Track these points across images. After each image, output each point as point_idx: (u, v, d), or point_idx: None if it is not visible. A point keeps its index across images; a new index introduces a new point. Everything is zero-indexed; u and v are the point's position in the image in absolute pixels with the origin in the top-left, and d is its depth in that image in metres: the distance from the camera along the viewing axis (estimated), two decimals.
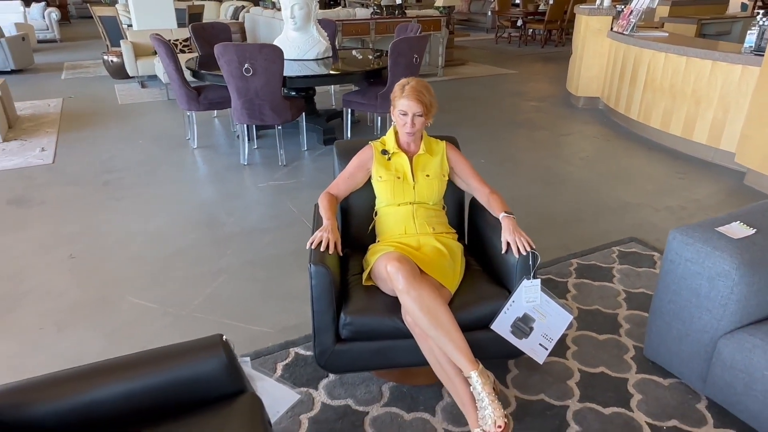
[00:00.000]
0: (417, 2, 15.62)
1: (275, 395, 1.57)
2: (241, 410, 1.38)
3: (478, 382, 1.62)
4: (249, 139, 4.74)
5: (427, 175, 2.04)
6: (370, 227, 2.14)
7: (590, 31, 5.96)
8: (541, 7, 11.73)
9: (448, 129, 5.30)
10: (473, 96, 6.86)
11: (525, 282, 1.80)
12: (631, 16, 5.37)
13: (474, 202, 2.17)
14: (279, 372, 2.06)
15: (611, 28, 5.78)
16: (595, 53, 5.99)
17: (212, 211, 3.57)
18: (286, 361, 2.14)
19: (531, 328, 1.81)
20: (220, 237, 3.22)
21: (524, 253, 1.80)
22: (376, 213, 2.11)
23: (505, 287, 1.90)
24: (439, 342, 1.67)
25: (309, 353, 2.18)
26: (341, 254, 1.92)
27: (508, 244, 1.84)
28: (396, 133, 2.10)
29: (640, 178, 4.13)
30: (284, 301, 2.57)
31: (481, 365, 1.66)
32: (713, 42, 5.11)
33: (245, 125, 4.41)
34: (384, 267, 1.75)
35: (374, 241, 2.08)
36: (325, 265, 1.74)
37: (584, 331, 2.33)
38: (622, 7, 5.73)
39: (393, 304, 1.79)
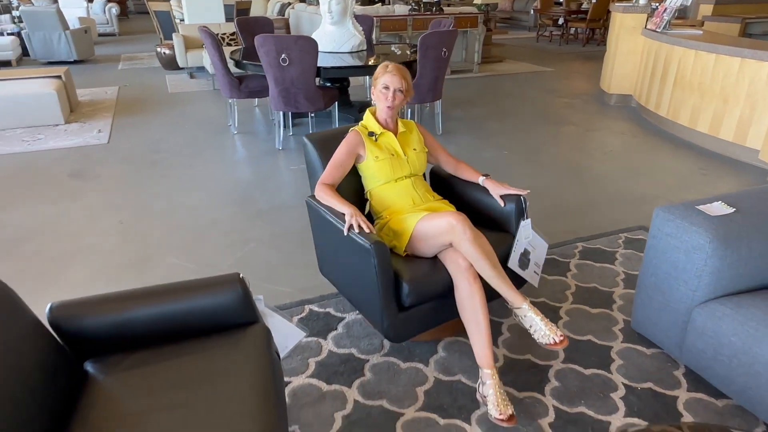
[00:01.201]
0: (461, 0, 15.71)
1: (284, 332, 1.81)
2: (253, 337, 1.63)
3: (531, 309, 1.88)
4: (285, 126, 5.05)
5: (414, 149, 2.24)
6: (366, 209, 2.28)
7: (624, 29, 5.98)
8: (584, 6, 11.63)
9: (476, 122, 5.52)
10: (506, 92, 6.97)
11: (522, 222, 2.12)
12: (665, 14, 5.38)
13: (437, 173, 2.47)
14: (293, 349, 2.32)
15: (645, 26, 5.79)
16: (629, 51, 6.01)
17: (246, 190, 3.87)
18: (301, 315, 2.39)
19: (528, 260, 2.15)
20: (251, 212, 3.51)
21: (523, 193, 2.14)
22: (368, 194, 2.24)
23: (504, 231, 2.19)
24: (494, 281, 1.90)
25: (321, 309, 2.43)
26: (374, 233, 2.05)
27: (504, 197, 2.16)
28: (374, 116, 2.24)
29: (662, 172, 4.19)
30: (304, 268, 2.82)
31: (528, 299, 1.93)
32: (743, 39, 5.07)
33: (281, 112, 4.70)
34: (446, 222, 1.90)
35: (371, 221, 2.18)
36: (382, 241, 1.87)
37: (578, 305, 2.48)
38: (657, 4, 5.73)
39: (434, 266, 1.97)
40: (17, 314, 1.40)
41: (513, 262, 2.11)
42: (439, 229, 1.94)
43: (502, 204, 2.17)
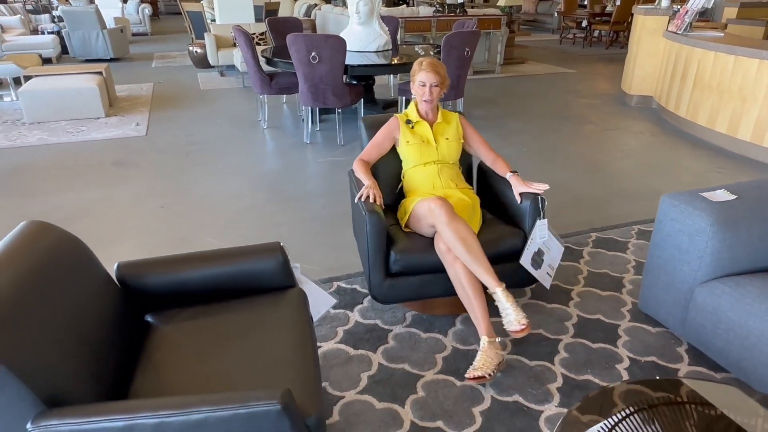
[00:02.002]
0: (484, 1, 15.83)
1: (317, 297, 2.01)
2: (290, 298, 1.83)
3: (503, 295, 2.01)
4: (312, 122, 5.27)
5: (447, 138, 2.42)
6: (398, 188, 2.53)
7: (646, 31, 6.08)
8: (608, 9, 11.66)
9: (497, 120, 5.67)
10: (527, 92, 7.10)
11: (538, 222, 2.21)
12: (686, 16, 5.46)
13: (481, 165, 2.58)
14: (324, 314, 2.52)
15: (666, 28, 5.88)
16: (650, 52, 6.10)
17: (276, 179, 4.10)
18: (329, 291, 2.59)
19: (542, 260, 2.24)
20: (282, 198, 3.74)
21: (541, 192, 2.22)
22: (403, 175, 2.49)
23: (517, 227, 2.31)
24: (470, 265, 2.04)
25: (348, 286, 2.63)
26: (383, 207, 2.30)
27: (522, 194, 2.25)
28: (416, 107, 2.47)
29: (678, 170, 4.29)
30: (331, 250, 3.02)
31: (504, 285, 2.04)
32: (762, 41, 5.13)
33: (310, 108, 4.93)
34: (427, 205, 2.12)
35: (404, 199, 2.45)
36: (378, 212, 2.14)
37: (590, 288, 2.64)
38: (679, 7, 5.81)
39: (429, 244, 2.17)
40: (93, 269, 1.62)
41: (525, 260, 2.20)
42: (422, 212, 2.16)
43: (519, 200, 2.27)
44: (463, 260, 2.05)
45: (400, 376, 2.05)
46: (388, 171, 2.54)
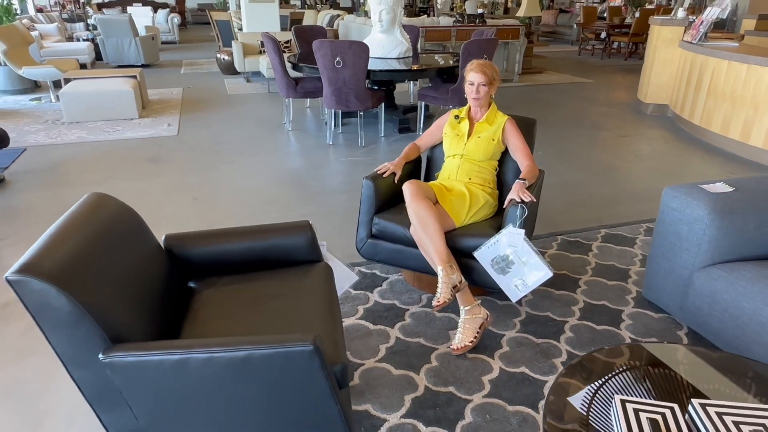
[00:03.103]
0: (504, 13, 16.04)
1: (340, 273, 2.19)
2: (318, 271, 2.02)
3: (442, 273, 2.17)
4: (335, 125, 5.50)
5: (479, 137, 2.59)
6: (438, 173, 2.76)
7: (662, 41, 6.20)
8: (627, 20, 11.77)
9: None
10: (544, 100, 7.25)
11: (510, 227, 2.21)
12: (701, 26, 5.58)
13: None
14: (347, 290, 2.71)
15: (682, 38, 6.00)
16: (665, 62, 6.22)
17: (300, 176, 4.32)
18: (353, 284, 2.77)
19: (509, 270, 2.23)
20: (305, 193, 3.95)
21: (517, 200, 2.25)
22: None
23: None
24: (422, 241, 2.28)
25: (368, 271, 2.81)
26: (396, 182, 2.59)
27: (511, 201, 2.30)
28: (469, 107, 2.68)
29: (689, 174, 4.41)
30: (352, 239, 3.20)
31: (449, 265, 2.18)
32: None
33: (333, 111, 5.15)
34: (404, 186, 2.38)
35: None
36: (374, 180, 2.48)
37: (596, 277, 2.78)
38: (694, 17, 5.94)
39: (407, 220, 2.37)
40: (146, 236, 1.83)
41: (481, 256, 2.24)
42: (404, 192, 2.40)
43: (506, 204, 2.31)
44: (418, 235, 2.30)
45: (416, 348, 2.22)
46: (441, 157, 2.80)
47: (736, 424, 1.24)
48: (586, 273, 2.82)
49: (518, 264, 2.21)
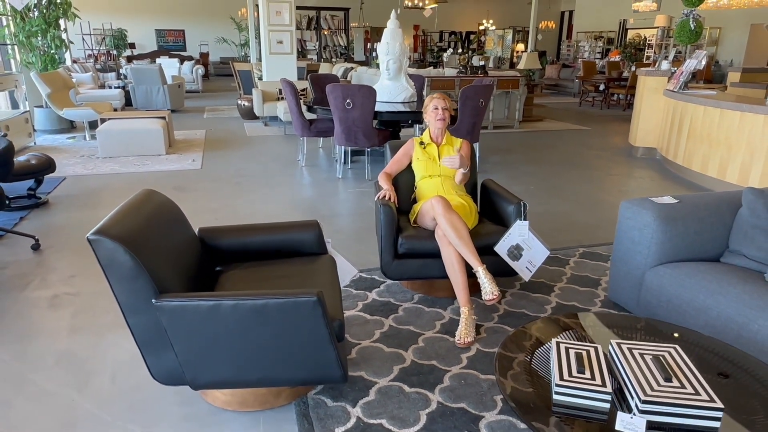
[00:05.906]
0: (510, 67, 16.88)
1: (343, 268, 2.59)
2: (324, 259, 2.42)
3: (483, 273, 2.54)
4: (345, 161, 6.00)
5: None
6: (412, 196, 3.15)
7: (648, 90, 6.73)
8: (625, 74, 12.44)
9: (511, 165, 6.32)
10: (541, 144, 7.75)
11: (518, 222, 2.71)
12: (681, 76, 6.10)
13: (484, 183, 3.18)
14: (348, 283, 3.10)
15: (666, 87, 6.52)
16: (652, 108, 6.72)
17: (312, 203, 4.77)
18: (353, 278, 3.16)
19: (521, 255, 2.71)
20: (316, 216, 4.38)
21: (524, 201, 2.76)
22: (416, 186, 3.12)
23: (505, 226, 2.85)
24: (459, 248, 2.59)
25: (368, 276, 3.20)
26: (397, 206, 2.93)
27: (507, 201, 2.80)
28: (429, 133, 3.11)
29: None
30: (355, 252, 3.61)
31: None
32: (742, 97, 5.71)
33: (343, 148, 5.66)
34: (430, 202, 2.72)
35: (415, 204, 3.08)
36: (389, 205, 2.77)
37: (570, 285, 3.14)
38: (675, 68, 6.48)
39: (430, 235, 2.75)
40: (186, 226, 2.26)
41: (500, 249, 2.68)
42: (426, 208, 2.76)
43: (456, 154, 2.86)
44: (453, 244, 2.61)
45: (406, 333, 2.58)
46: (405, 183, 3.18)
47: (641, 354, 1.60)
48: (561, 281, 3.18)
49: (526, 249, 2.69)
